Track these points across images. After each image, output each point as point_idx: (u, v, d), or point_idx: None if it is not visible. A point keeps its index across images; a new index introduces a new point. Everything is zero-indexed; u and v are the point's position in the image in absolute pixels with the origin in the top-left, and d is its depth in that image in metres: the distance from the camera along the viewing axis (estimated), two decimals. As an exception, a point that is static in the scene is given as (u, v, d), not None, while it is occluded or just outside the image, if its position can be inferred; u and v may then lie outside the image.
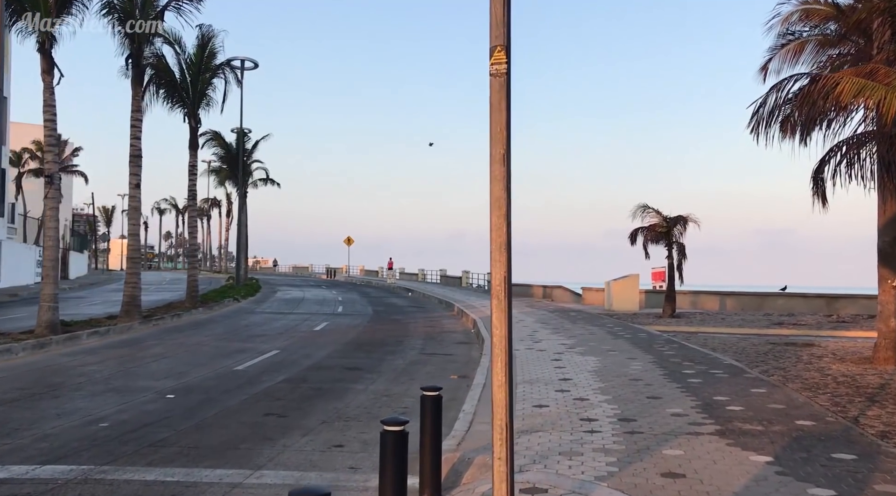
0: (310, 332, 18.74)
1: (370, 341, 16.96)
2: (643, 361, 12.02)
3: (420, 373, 12.20)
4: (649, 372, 10.88)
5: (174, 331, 17.95)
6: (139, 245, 20.01)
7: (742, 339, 15.89)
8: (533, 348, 14.10)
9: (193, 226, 25.61)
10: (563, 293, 32.74)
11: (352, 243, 67.42)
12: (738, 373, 10.69)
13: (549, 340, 15.44)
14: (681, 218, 21.99)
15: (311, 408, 9.17)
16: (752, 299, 25.60)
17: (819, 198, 11.16)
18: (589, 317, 21.89)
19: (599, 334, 16.67)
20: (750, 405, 8.32)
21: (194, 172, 25.21)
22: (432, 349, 15.77)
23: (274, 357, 13.88)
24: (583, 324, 19.50)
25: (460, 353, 15.03)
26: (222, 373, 11.81)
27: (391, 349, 15.45)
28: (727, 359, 12.33)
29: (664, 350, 13.56)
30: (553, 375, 10.63)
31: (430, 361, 13.79)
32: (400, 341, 17.06)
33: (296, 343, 16.28)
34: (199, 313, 22.89)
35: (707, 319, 21.30)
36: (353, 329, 19.90)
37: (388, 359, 13.93)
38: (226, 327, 19.52)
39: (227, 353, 14.20)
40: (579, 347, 14.12)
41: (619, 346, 14.18)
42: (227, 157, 42.90)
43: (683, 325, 19.45)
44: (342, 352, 14.91)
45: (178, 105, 25.06)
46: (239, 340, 16.49)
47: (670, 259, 22.35)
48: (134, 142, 18.96)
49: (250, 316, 23.33)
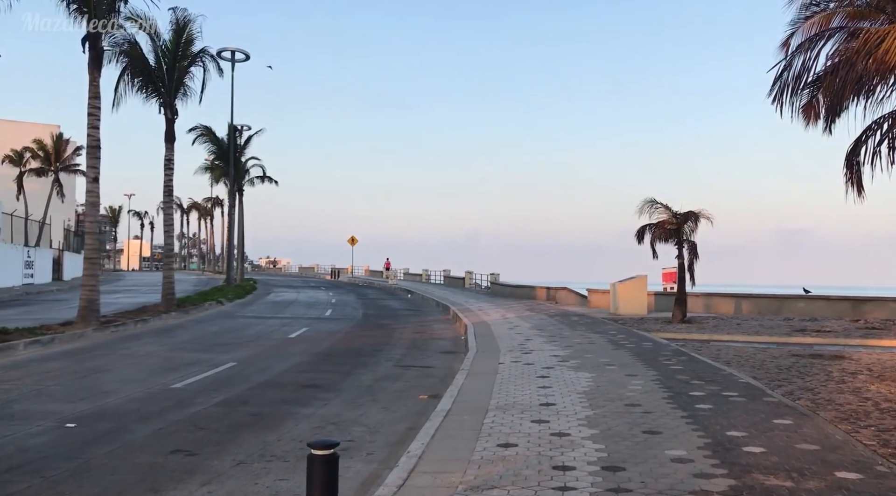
0: (282, 340, 17.08)
1: (345, 351, 15.28)
2: (644, 379, 10.24)
3: (386, 392, 10.51)
4: (650, 394, 9.10)
5: (130, 340, 16.33)
6: (98, 244, 18.44)
7: (760, 350, 14.06)
8: (520, 361, 12.36)
9: (170, 224, 23.99)
10: (567, 295, 30.92)
11: (356, 243, 65.87)
12: (757, 396, 8.90)
13: (540, 351, 13.69)
14: (692, 214, 20.14)
15: (234, 443, 7.49)
16: (771, 302, 23.65)
17: (853, 185, 9.36)
18: (591, 322, 20.09)
19: (599, 343, 14.89)
20: (773, 445, 6.55)
21: (170, 167, 23.60)
22: (411, 360, 14.06)
23: (225, 371, 12.23)
24: (583, 330, 17.71)
25: (441, 365, 13.31)
26: (154, 393, 10.16)
27: (364, 361, 13.76)
28: (743, 376, 10.53)
29: (670, 364, 11.77)
30: (534, 399, 8.88)
31: (403, 376, 12.09)
32: (378, 350, 15.37)
33: (260, 353, 14.62)
34: (170, 318, 21.29)
35: (721, 325, 19.44)
36: (331, 336, 18.23)
37: (355, 373, 12.24)
38: (192, 334, 17.88)
39: (174, 367, 12.55)
40: (573, 360, 12.36)
41: (620, 359, 12.41)
42: (221, 154, 41.25)
43: (694, 332, 17.62)
44: (307, 364, 13.23)
45: (153, 95, 23.50)
46: (197, 350, 14.85)
47: (680, 259, 20.52)
48: (91, 131, 17.37)
49: (227, 320, 21.71)
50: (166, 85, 23.30)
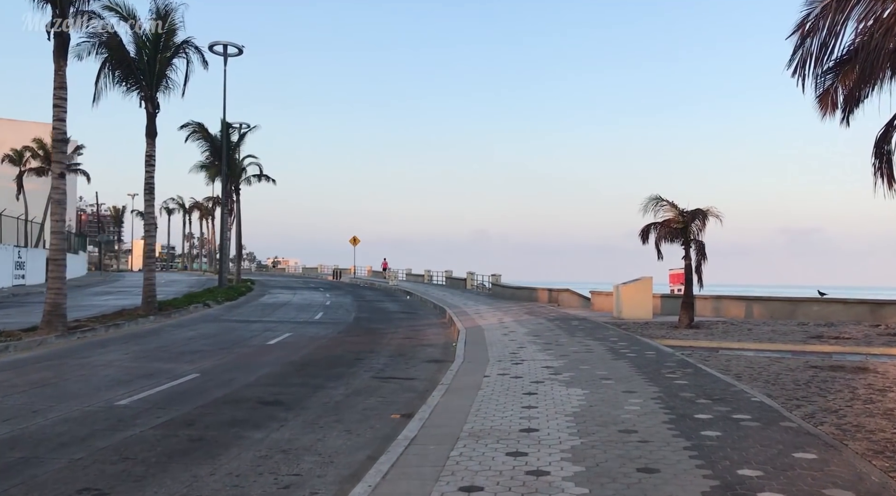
0: (259, 347, 15.95)
1: (323, 359, 14.15)
2: (644, 397, 9.04)
3: (354, 411, 9.35)
4: (649, 417, 7.91)
5: (94, 348, 15.22)
6: (64, 244, 17.34)
7: (774, 360, 12.83)
8: (508, 373, 11.18)
9: (151, 223, 22.88)
10: (570, 297, 29.68)
11: (357, 243, 64.89)
12: (773, 421, 7.69)
13: (532, 361, 12.50)
14: (699, 212, 18.89)
15: (157, 478, 6.37)
16: (783, 305, 22.34)
17: (883, 176, 8.12)
18: (592, 327, 18.87)
19: (598, 352, 13.69)
20: (796, 489, 5.36)
21: (151, 163, 22.49)
22: (393, 370, 12.91)
23: (183, 385, 11.10)
24: (582, 336, 16.51)
25: (425, 377, 12.15)
26: (91, 412, 9.04)
27: (341, 371, 12.61)
28: (756, 393, 9.31)
29: (674, 378, 10.57)
30: (515, 422, 7.71)
31: (380, 390, 10.93)
32: (359, 359, 14.23)
33: (229, 362, 13.50)
34: (147, 323, 20.20)
35: (731, 331, 18.19)
36: (314, 342, 17.09)
37: (327, 387, 11.09)
38: (164, 340, 16.78)
39: (128, 379, 11.44)
40: (567, 372, 11.17)
41: (618, 372, 11.21)
42: (215, 151, 40.16)
43: (702, 339, 16.39)
44: (276, 376, 12.09)
45: (134, 88, 22.43)
46: (162, 359, 13.74)
47: (687, 260, 19.28)
48: (57, 124, 16.31)
49: (208, 325, 20.60)
50: (147, 77, 22.21)
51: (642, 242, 19.57)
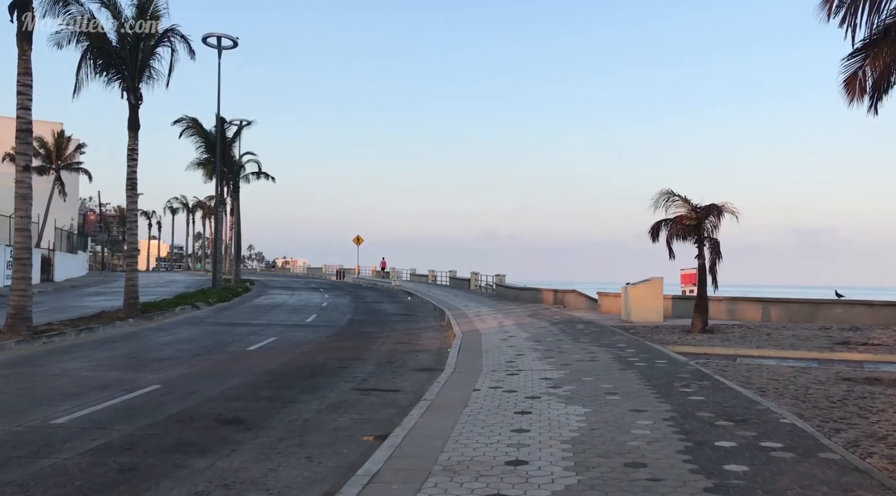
0: (237, 354, 14.78)
1: (302, 368, 12.95)
2: (654, 418, 7.79)
3: (322, 432, 8.16)
4: (661, 445, 6.66)
5: (57, 354, 14.09)
6: (29, 242, 16.22)
7: (800, 371, 11.54)
8: (501, 386, 9.94)
9: (133, 220, 21.72)
10: (576, 298, 28.38)
11: (361, 242, 63.80)
12: (810, 451, 6.43)
13: (530, 372, 11.27)
14: (714, 207, 17.58)
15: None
16: (803, 308, 20.96)
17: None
18: (598, 331, 17.59)
19: (603, 361, 12.44)
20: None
21: (134, 157, 21.35)
22: (377, 381, 11.71)
23: (139, 398, 9.94)
24: (587, 342, 15.25)
25: (411, 389, 10.94)
26: (19, 433, 7.88)
27: (319, 382, 11.42)
28: (785, 414, 8.04)
29: (689, 392, 9.31)
30: (501, 452, 6.48)
31: (358, 405, 9.73)
32: (344, 367, 13.03)
33: (199, 371, 12.33)
34: (125, 326, 19.07)
35: (748, 335, 16.88)
36: (298, 347, 15.91)
37: (299, 400, 9.90)
38: (136, 346, 15.64)
39: (79, 392, 10.28)
40: (568, 385, 9.93)
41: (625, 385, 9.96)
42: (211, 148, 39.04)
43: (718, 345, 15.11)
44: (246, 387, 10.91)
45: (115, 78, 21.33)
46: (126, 368, 12.59)
47: (701, 259, 17.97)
48: (22, 113, 15.18)
49: (190, 328, 19.44)
50: (129, 67, 21.10)
51: (652, 240, 18.30)
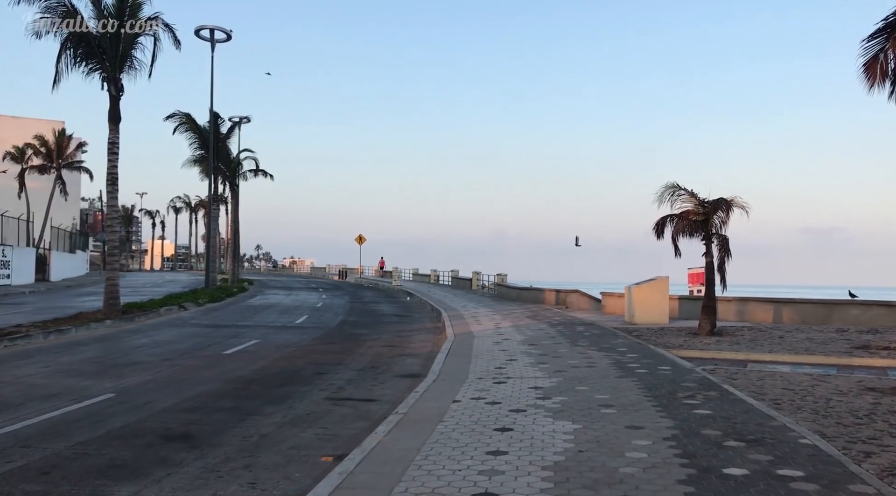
0: (211, 358, 13.83)
1: (277, 374, 11.99)
2: (653, 437, 6.77)
3: (278, 450, 7.18)
4: (659, 472, 5.65)
5: (15, 359, 13.17)
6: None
7: (818, 379, 10.48)
8: (484, 397, 8.94)
9: (114, 217, 20.85)
10: (579, 299, 27.33)
11: (363, 241, 63.00)
12: (837, 481, 5.40)
13: (520, 379, 10.26)
14: (722, 202, 16.50)
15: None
16: (817, 309, 19.83)
17: None
18: (599, 334, 16.55)
19: (601, 367, 11.41)
20: None
21: (115, 151, 20.44)
22: (354, 389, 10.73)
23: (85, 409, 9.00)
24: (585, 346, 14.21)
25: (389, 398, 9.95)
26: (-71, 452, 6.92)
27: (291, 390, 10.45)
28: (805, 432, 7.00)
29: (694, 404, 8.27)
30: (469, 482, 5.49)
31: (326, 417, 8.75)
32: (321, 373, 12.06)
33: (163, 378, 11.38)
34: (100, 327, 18.13)
35: (759, 338, 15.80)
36: (279, 351, 14.94)
37: (262, 412, 8.93)
38: (105, 350, 14.71)
39: (21, 402, 9.36)
40: (558, 396, 8.91)
41: (623, 395, 8.93)
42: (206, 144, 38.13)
43: (727, 349, 14.05)
44: (209, 396, 9.94)
45: (96, 68, 20.43)
46: (83, 375, 11.64)
47: (709, 257, 16.91)
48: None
49: (169, 330, 18.49)
50: (110, 56, 20.19)
51: (657, 237, 17.25)
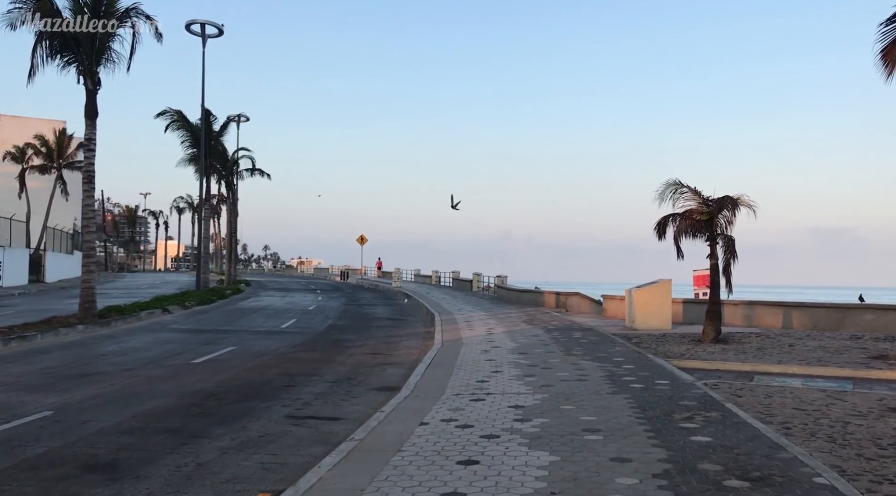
0: (178, 367, 12.89)
1: (241, 387, 11.03)
2: (641, 474, 5.76)
3: (210, 484, 6.27)
4: (644, 526, 4.63)
5: (-36, 368, 12.26)
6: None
7: (833, 396, 9.43)
8: (455, 419, 7.93)
9: (90, 216, 19.85)
10: (580, 302, 26.29)
11: (365, 242, 62.14)
12: (862, 539, 4.38)
13: (500, 396, 9.25)
14: (728, 200, 15.45)
15: None
16: (829, 313, 18.73)
17: None
18: (595, 341, 15.51)
19: (593, 380, 10.39)
20: None
21: (91, 148, 19.54)
22: (321, 405, 9.76)
23: (9, 430, 8.08)
24: (579, 355, 13.19)
25: (358, 415, 8.97)
26: None
27: (250, 406, 9.49)
28: (820, 468, 5.97)
29: (692, 429, 7.25)
30: (409, 538, 4.49)
31: (280, 440, 7.78)
32: (290, 386, 11.10)
33: (113, 392, 10.44)
34: (71, 333, 17.22)
35: (767, 346, 14.75)
36: (252, 359, 13.98)
37: (209, 434, 7.97)
38: (66, 358, 13.79)
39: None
40: (540, 418, 7.90)
41: (612, 417, 7.91)
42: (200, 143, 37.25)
43: (732, 359, 13.01)
44: (156, 414, 8.99)
45: (72, 61, 19.56)
46: (26, 388, 10.72)
47: (713, 259, 15.87)
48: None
49: (142, 336, 17.56)
50: (86, 48, 19.29)
51: (658, 238, 16.21)
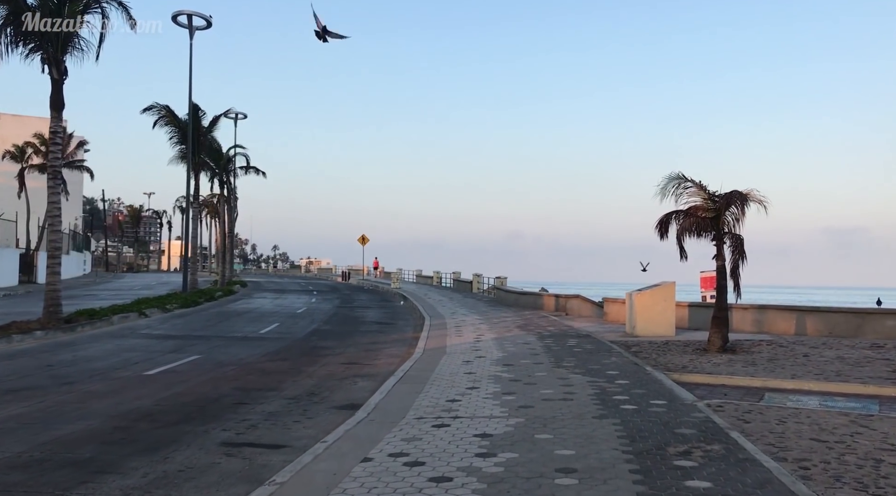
0: (125, 380, 11.68)
1: (186, 404, 9.81)
2: (619, 541, 4.45)
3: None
4: None
5: None
6: None
7: (857, 421, 8.08)
8: (407, 453, 6.65)
9: (55, 214, 18.66)
10: (580, 305, 24.95)
11: (367, 242, 60.91)
12: None
13: (469, 420, 7.97)
14: (736, 195, 14.10)
15: None
16: (847, 319, 17.31)
17: None
18: (590, 350, 14.18)
19: (579, 400, 9.08)
20: None
21: (57, 141, 18.40)
22: (267, 428, 8.52)
23: None
24: (569, 367, 11.88)
25: (305, 443, 7.70)
26: None
27: (185, 430, 8.26)
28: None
29: (688, 469, 5.93)
30: None
31: (202, 476, 6.55)
32: (242, 403, 9.87)
33: (34, 412, 9.24)
34: (25, 340, 16.04)
35: (780, 357, 13.39)
36: (213, 370, 12.76)
37: (119, 468, 6.75)
38: (5, 371, 12.58)
39: None
40: (507, 452, 6.60)
41: (594, 450, 6.60)
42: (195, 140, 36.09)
43: (740, 373, 11.67)
44: (72, 440, 7.77)
45: (35, 48, 18.41)
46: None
47: (720, 260, 14.54)
48: None
49: (106, 343, 16.36)
50: (51, 36, 18.13)
51: (660, 237, 14.89)
